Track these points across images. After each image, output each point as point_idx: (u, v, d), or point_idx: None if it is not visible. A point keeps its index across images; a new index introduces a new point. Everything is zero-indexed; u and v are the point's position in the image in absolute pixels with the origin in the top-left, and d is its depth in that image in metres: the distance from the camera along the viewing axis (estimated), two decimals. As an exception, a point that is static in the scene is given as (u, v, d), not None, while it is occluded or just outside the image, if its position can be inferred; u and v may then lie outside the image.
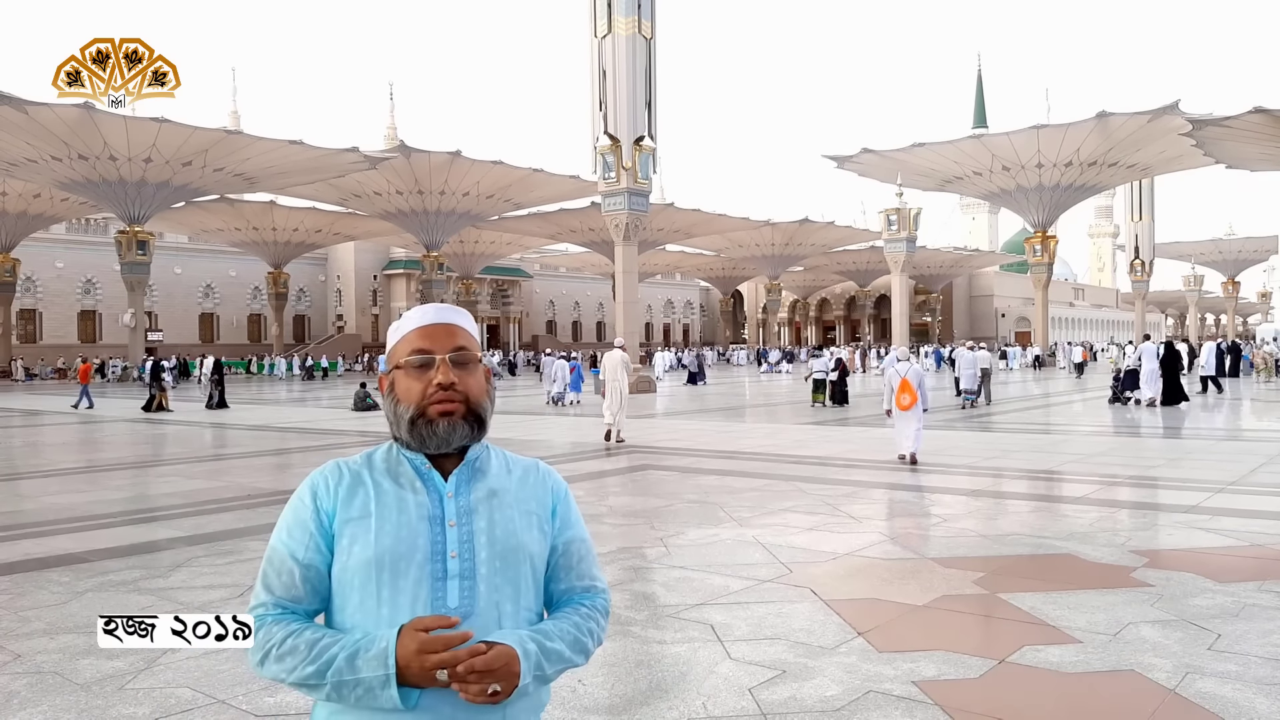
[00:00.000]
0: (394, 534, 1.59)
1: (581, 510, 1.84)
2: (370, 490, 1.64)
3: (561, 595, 1.73)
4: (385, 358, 1.78)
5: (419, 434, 1.64)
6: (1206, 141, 41.75)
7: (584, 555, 1.76)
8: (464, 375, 1.66)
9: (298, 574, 1.59)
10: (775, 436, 17.32)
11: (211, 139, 42.15)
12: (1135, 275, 73.06)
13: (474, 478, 1.69)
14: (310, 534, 1.61)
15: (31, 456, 16.24)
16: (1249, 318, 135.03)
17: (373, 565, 1.57)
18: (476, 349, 1.71)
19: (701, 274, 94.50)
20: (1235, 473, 11.28)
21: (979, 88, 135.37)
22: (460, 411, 1.65)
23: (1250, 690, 4.21)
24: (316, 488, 1.65)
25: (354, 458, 1.73)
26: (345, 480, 1.66)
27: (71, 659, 4.86)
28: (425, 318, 1.71)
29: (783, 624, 5.32)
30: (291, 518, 1.64)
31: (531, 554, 1.68)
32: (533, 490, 1.74)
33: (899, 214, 52.73)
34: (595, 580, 1.76)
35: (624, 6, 32.66)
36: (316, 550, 1.61)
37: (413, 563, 1.59)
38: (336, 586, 1.61)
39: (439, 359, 1.66)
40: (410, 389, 1.66)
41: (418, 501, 1.64)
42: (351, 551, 1.59)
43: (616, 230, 33.93)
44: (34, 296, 62.17)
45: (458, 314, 1.75)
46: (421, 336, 1.68)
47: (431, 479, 1.67)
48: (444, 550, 1.61)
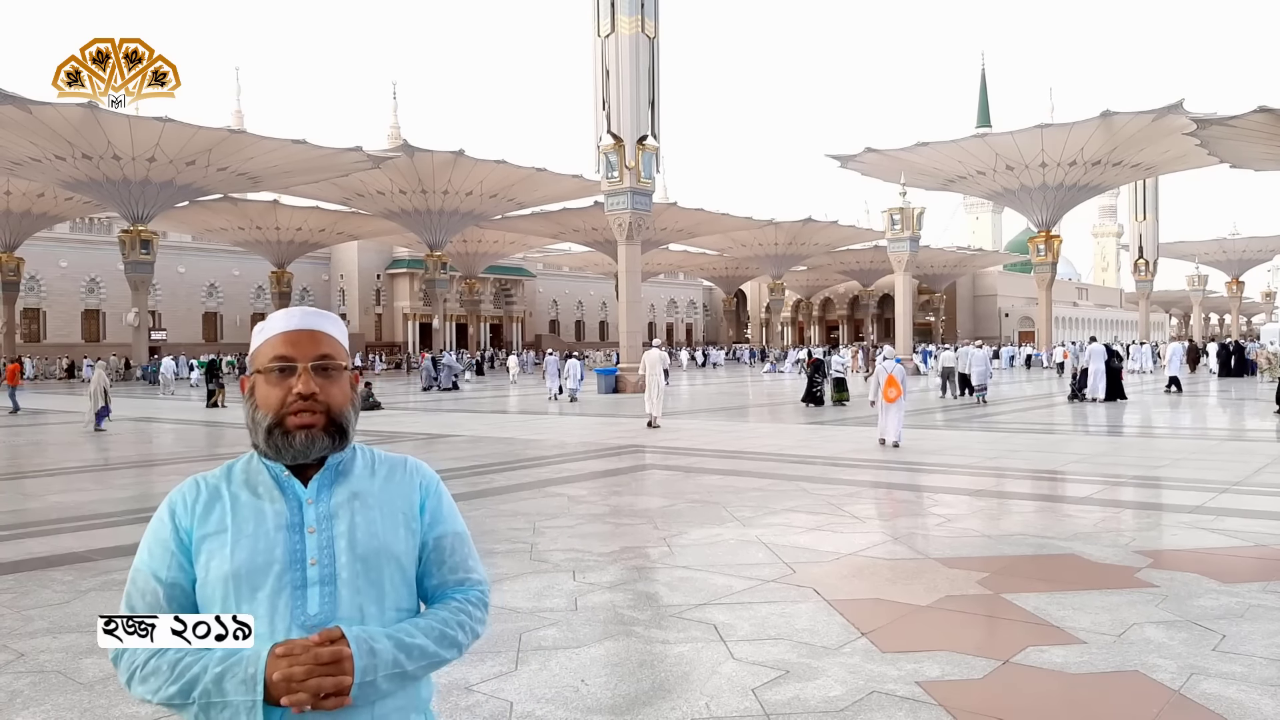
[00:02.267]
0: (250, 546, 1.58)
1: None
2: (227, 504, 1.62)
3: (435, 590, 1.70)
4: (248, 360, 1.73)
5: (275, 444, 1.61)
6: (1210, 141, 41.66)
7: (456, 548, 1.72)
8: (327, 384, 1.63)
9: (162, 594, 1.57)
10: (778, 436, 17.31)
11: (215, 138, 42.21)
12: (1139, 275, 73.00)
13: (335, 481, 1.67)
14: (171, 553, 1.60)
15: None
16: (1253, 317, 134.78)
17: (230, 579, 1.56)
18: (343, 356, 1.68)
19: (705, 273, 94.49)
20: (1239, 473, 11.25)
21: (983, 87, 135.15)
22: (320, 423, 1.61)
23: (1255, 691, 4.19)
24: (175, 506, 1.64)
25: (213, 471, 1.71)
26: (203, 496, 1.64)
27: (74, 658, 4.86)
28: (290, 322, 1.67)
29: (786, 624, 5.32)
30: (152, 538, 1.62)
31: (397, 554, 1.65)
32: (399, 488, 1.71)
33: (902, 213, 52.48)
34: (470, 572, 1.72)
35: (627, 6, 32.65)
36: (179, 569, 1.59)
37: (270, 574, 1.57)
38: (200, 603, 1.59)
39: (300, 367, 1.62)
40: (269, 396, 1.62)
41: (275, 510, 1.62)
42: (209, 567, 1.58)
43: (619, 230, 33.93)
44: (38, 296, 62.26)
45: (325, 319, 1.70)
46: (285, 342, 1.64)
47: (291, 486, 1.64)
48: (303, 557, 1.59)
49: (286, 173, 48.05)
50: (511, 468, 13.13)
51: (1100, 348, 25.07)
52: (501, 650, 4.85)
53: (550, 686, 4.38)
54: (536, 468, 13.17)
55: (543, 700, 4.21)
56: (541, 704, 4.17)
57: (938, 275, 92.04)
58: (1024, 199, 54.91)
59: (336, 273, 79.19)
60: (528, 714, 4.07)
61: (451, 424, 20.71)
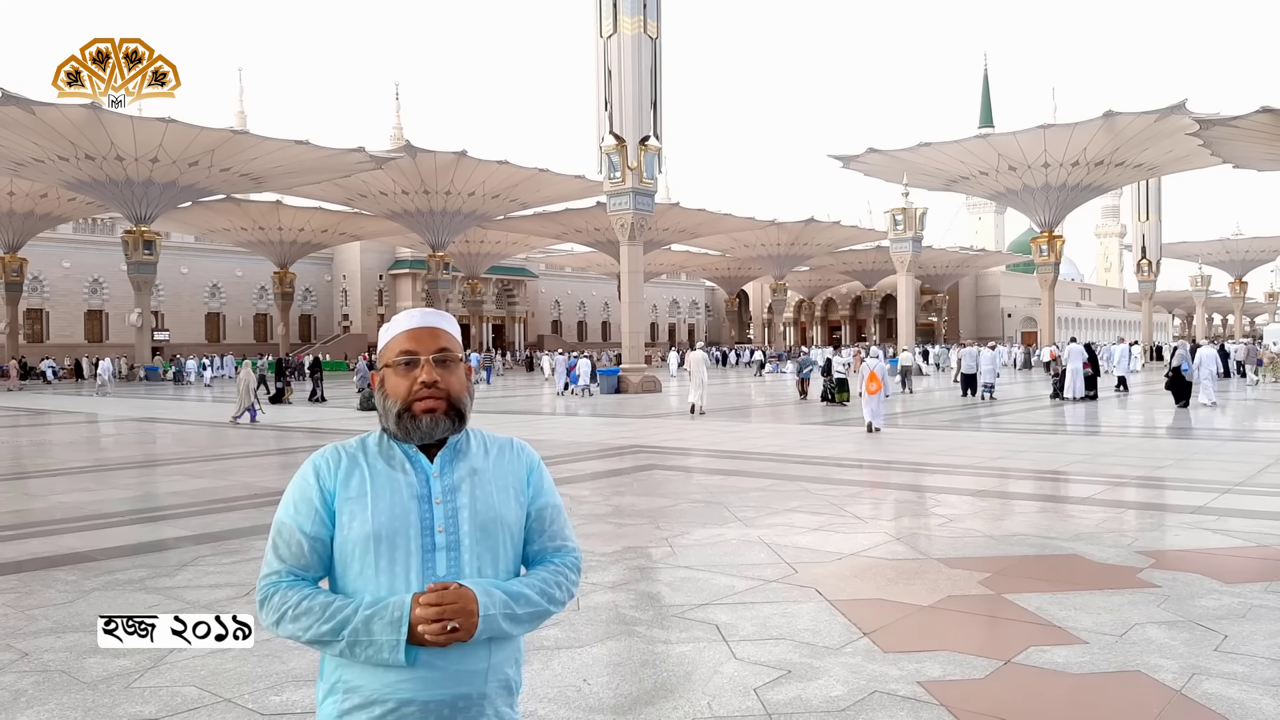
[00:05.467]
0: (388, 511, 1.77)
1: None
2: (365, 472, 1.81)
3: (535, 555, 1.90)
4: (377, 357, 1.94)
5: (405, 427, 1.81)
6: (1214, 141, 41.61)
7: (555, 518, 1.93)
8: (446, 374, 1.83)
9: (305, 545, 1.77)
10: (780, 436, 17.32)
11: (218, 139, 42.27)
12: (1142, 275, 72.80)
13: (456, 459, 1.86)
14: (315, 509, 1.78)
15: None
16: (1256, 318, 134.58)
17: (370, 539, 1.75)
18: (458, 349, 1.89)
19: (707, 274, 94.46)
20: (1242, 473, 11.24)
21: (985, 87, 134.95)
22: (442, 408, 1.81)
23: (1257, 691, 4.19)
24: (319, 468, 1.82)
25: (349, 442, 1.89)
26: (343, 462, 1.82)
27: (78, 657, 4.87)
28: (412, 321, 1.88)
29: (788, 624, 5.32)
30: (298, 495, 1.81)
31: (509, 523, 1.85)
32: (509, 465, 1.91)
33: (905, 214, 52.67)
34: (566, 540, 1.93)
35: (629, 6, 32.63)
36: (321, 524, 1.78)
37: (406, 537, 1.76)
38: (338, 557, 1.78)
39: (423, 359, 1.82)
40: (398, 386, 1.82)
41: (408, 481, 1.81)
42: (351, 527, 1.76)
43: (622, 230, 33.93)
44: (41, 296, 62.35)
45: (442, 318, 1.90)
46: (408, 339, 1.85)
47: (419, 461, 1.84)
48: (432, 525, 1.78)
49: (289, 173, 48.10)
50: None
51: (1079, 348, 25.91)
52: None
53: (553, 686, 4.39)
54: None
55: (545, 700, 4.22)
56: (544, 703, 4.18)
57: (940, 275, 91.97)
58: (1027, 199, 54.84)
59: (339, 273, 79.26)
60: (530, 713, 4.07)
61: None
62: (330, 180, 50.52)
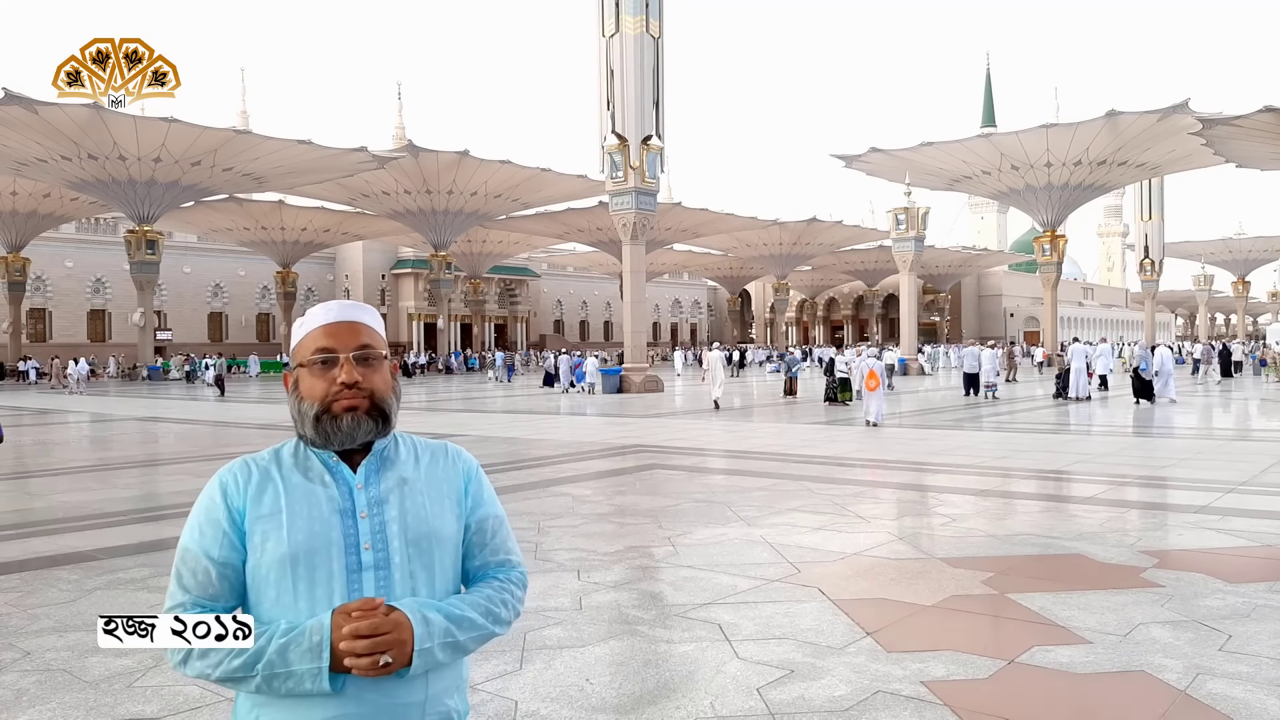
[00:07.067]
0: (306, 529, 1.60)
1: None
2: (279, 486, 1.64)
3: (477, 571, 1.74)
4: (290, 356, 1.77)
5: (324, 430, 1.64)
6: (1216, 140, 41.53)
7: (497, 530, 1.77)
8: (368, 372, 1.67)
9: (213, 572, 1.59)
10: (782, 436, 17.30)
11: (220, 139, 42.29)
12: (1145, 275, 72.69)
13: (383, 467, 1.70)
14: (223, 531, 1.61)
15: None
16: (1259, 317, 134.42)
17: (287, 561, 1.59)
18: (382, 345, 1.72)
19: (709, 273, 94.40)
20: (1246, 473, 11.22)
21: (988, 87, 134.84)
22: (365, 406, 1.65)
23: (1261, 691, 4.18)
24: (226, 485, 1.65)
25: (261, 454, 1.72)
26: (254, 477, 1.66)
27: (80, 656, 4.87)
28: (329, 315, 1.71)
29: (790, 624, 5.31)
30: (203, 516, 1.63)
31: (445, 538, 1.69)
32: (444, 473, 1.75)
33: (907, 213, 52.41)
34: (510, 554, 1.78)
35: (632, 5, 32.60)
36: (230, 547, 1.61)
37: (328, 556, 1.60)
38: (251, 583, 1.61)
39: (343, 357, 1.66)
40: (314, 387, 1.66)
41: (328, 495, 1.65)
42: (265, 548, 1.60)
43: (624, 230, 33.91)
44: (44, 295, 62.42)
45: (363, 311, 1.74)
46: (325, 335, 1.68)
47: (340, 472, 1.67)
48: (357, 542, 1.62)
49: (292, 173, 48.12)
50: (516, 467, 13.13)
51: (1080, 348, 26.27)
52: (506, 649, 4.85)
53: (555, 685, 4.38)
54: (541, 467, 13.18)
55: (547, 699, 4.21)
56: (546, 703, 4.17)
57: (943, 275, 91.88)
58: (1029, 199, 54.74)
59: (341, 273, 79.28)
60: (532, 713, 4.06)
61: (457, 424, 20.71)
62: (332, 180, 50.52)
